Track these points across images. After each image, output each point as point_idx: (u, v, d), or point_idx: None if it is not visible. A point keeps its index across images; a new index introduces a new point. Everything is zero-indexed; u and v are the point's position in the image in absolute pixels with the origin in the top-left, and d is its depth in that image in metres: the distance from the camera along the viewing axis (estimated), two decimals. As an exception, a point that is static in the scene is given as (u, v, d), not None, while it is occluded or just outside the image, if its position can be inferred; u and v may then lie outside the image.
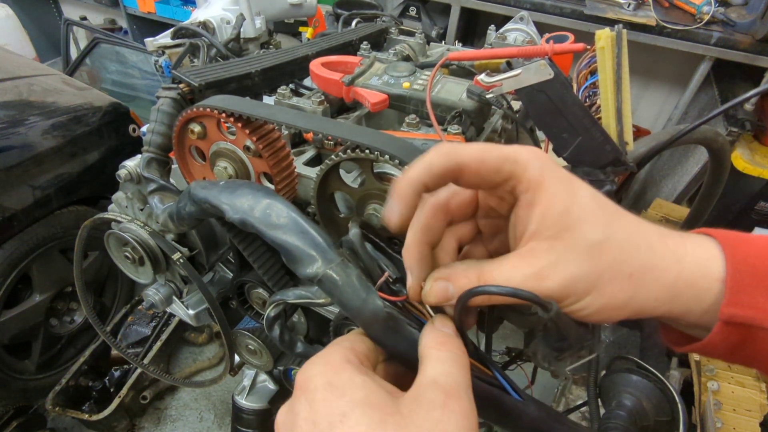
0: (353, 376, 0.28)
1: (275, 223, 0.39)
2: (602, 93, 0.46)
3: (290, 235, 0.38)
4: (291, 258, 0.37)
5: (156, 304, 0.81)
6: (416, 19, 2.43)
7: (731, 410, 1.34)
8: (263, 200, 0.41)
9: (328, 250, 0.36)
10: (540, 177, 0.30)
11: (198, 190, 0.46)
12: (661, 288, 0.31)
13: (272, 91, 0.76)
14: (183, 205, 0.50)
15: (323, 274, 0.35)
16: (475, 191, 0.35)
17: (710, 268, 0.31)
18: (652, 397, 0.47)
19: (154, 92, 0.77)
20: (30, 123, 1.53)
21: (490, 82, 0.53)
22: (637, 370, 0.50)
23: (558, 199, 0.30)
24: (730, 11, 1.95)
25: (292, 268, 0.37)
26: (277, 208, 0.40)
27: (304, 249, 0.37)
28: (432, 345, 0.31)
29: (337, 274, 0.35)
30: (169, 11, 2.86)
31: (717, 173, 0.61)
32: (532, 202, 0.31)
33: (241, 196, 0.42)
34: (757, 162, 1.80)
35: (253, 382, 1.22)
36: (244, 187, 0.43)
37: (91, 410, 1.69)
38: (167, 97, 0.67)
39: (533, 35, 1.07)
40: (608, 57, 0.44)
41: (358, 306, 0.33)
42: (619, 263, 0.30)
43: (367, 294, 0.34)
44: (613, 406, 0.49)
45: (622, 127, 0.47)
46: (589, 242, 0.29)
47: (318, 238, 0.37)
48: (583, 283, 0.29)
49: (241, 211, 0.41)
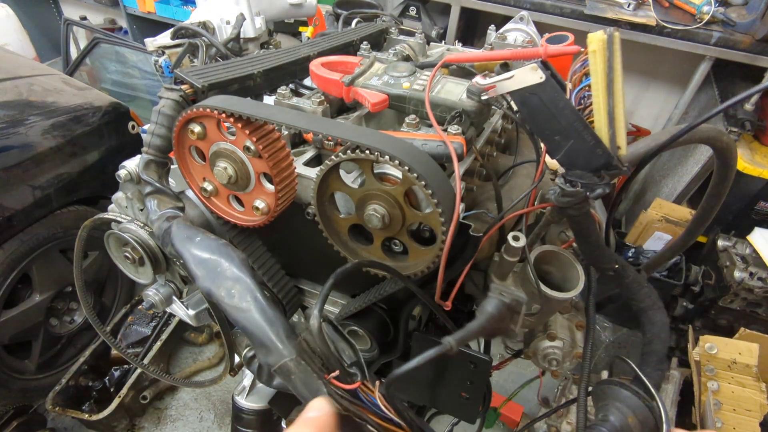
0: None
1: (237, 306, 0.42)
2: (594, 97, 0.46)
3: (251, 321, 0.41)
4: (253, 341, 0.41)
5: (156, 304, 0.81)
6: (416, 19, 2.43)
7: (731, 410, 1.34)
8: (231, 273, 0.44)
9: (286, 342, 0.40)
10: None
11: (176, 241, 0.50)
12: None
13: (273, 91, 0.76)
14: (165, 243, 0.53)
15: (280, 365, 0.39)
16: None
17: None
18: (639, 414, 0.47)
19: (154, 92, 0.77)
20: (30, 123, 1.53)
21: (485, 84, 0.53)
22: (629, 385, 0.50)
23: None
24: (730, 11, 1.95)
25: (253, 349, 0.41)
26: (243, 289, 0.43)
27: (265, 337, 0.40)
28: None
29: (292, 368, 0.38)
30: (169, 11, 2.86)
31: (723, 172, 0.61)
32: None
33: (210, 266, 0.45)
34: (757, 162, 1.80)
35: (253, 382, 1.22)
36: (222, 254, 0.46)
37: (91, 410, 1.69)
38: (169, 98, 0.67)
39: (533, 35, 1.07)
40: (600, 60, 0.44)
41: (307, 398, 0.37)
42: None
43: (318, 387, 0.37)
44: (599, 418, 0.49)
45: (614, 131, 0.46)
46: None
47: (279, 328, 0.41)
48: None
49: (206, 285, 0.44)
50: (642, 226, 2.14)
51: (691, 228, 0.71)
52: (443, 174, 0.53)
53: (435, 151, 0.59)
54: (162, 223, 0.58)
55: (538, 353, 0.74)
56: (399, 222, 0.56)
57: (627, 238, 2.23)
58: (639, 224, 2.15)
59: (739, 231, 1.90)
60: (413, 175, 0.49)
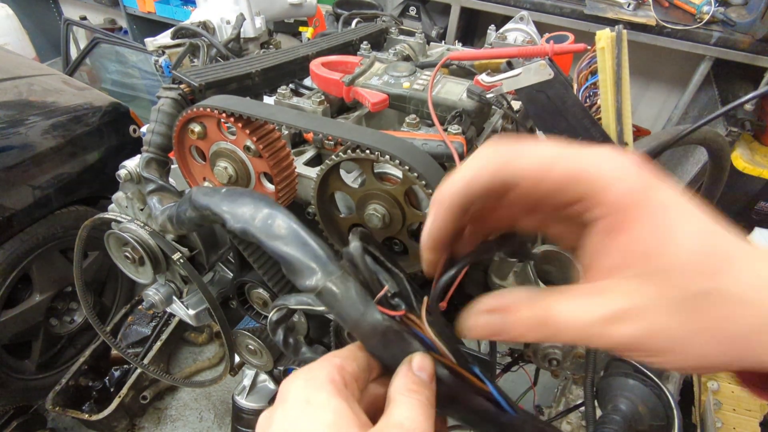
0: (330, 398, 0.29)
1: (276, 234, 0.39)
2: (602, 93, 0.46)
3: (290, 247, 0.38)
4: (291, 269, 0.38)
5: (156, 304, 0.81)
6: (416, 19, 2.43)
7: (731, 410, 1.34)
8: (264, 210, 0.41)
9: (329, 263, 0.36)
10: (629, 199, 0.24)
11: (199, 197, 0.46)
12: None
13: (272, 91, 0.76)
14: (183, 209, 0.50)
15: (323, 287, 0.35)
16: None
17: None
18: (647, 402, 0.47)
19: (154, 92, 0.77)
20: (30, 123, 1.53)
21: (490, 81, 0.53)
22: (634, 374, 0.50)
23: (653, 230, 0.24)
24: (730, 11, 1.95)
25: (291, 280, 0.38)
26: (278, 218, 0.40)
27: (304, 261, 0.37)
28: (402, 391, 0.30)
29: (337, 287, 0.35)
30: (169, 11, 2.86)
31: (716, 174, 0.61)
32: (614, 228, 0.24)
33: (243, 206, 0.42)
34: (757, 162, 1.80)
35: (253, 382, 1.23)
36: (246, 195, 0.43)
37: (91, 410, 1.69)
38: (168, 97, 0.67)
39: (533, 35, 1.07)
40: (608, 57, 0.44)
41: (357, 319, 0.33)
42: (724, 321, 0.23)
43: (366, 307, 0.33)
44: (608, 409, 0.49)
45: (621, 128, 0.47)
46: (687, 293, 0.23)
47: (318, 250, 0.38)
48: (667, 340, 0.23)
49: (242, 221, 0.41)
50: (642, 226, 2.14)
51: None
52: (444, 174, 0.53)
53: (435, 151, 0.59)
54: (170, 209, 0.57)
55: (538, 353, 0.74)
56: (399, 222, 0.56)
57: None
58: (639, 224, 2.15)
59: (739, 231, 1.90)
60: (413, 175, 0.49)
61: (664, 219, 0.24)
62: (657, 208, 0.24)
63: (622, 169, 0.24)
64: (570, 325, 0.25)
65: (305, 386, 0.30)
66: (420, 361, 0.31)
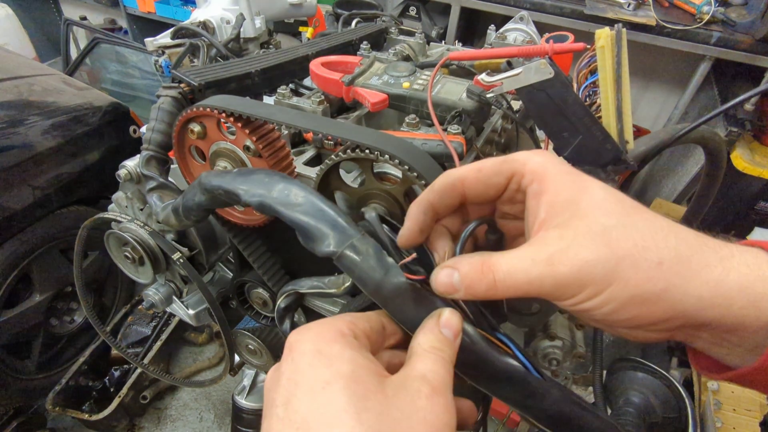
0: (343, 349, 0.29)
1: (293, 203, 0.38)
2: (602, 92, 0.46)
3: (309, 214, 0.38)
4: (309, 237, 0.37)
5: (156, 304, 0.81)
6: (416, 19, 2.43)
7: (731, 410, 1.34)
8: (279, 183, 0.41)
9: (348, 228, 0.36)
10: (542, 168, 0.30)
11: (210, 179, 0.45)
12: (703, 284, 0.26)
13: (272, 91, 0.76)
14: (191, 196, 0.49)
15: (342, 251, 0.35)
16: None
17: (766, 272, 0.26)
18: (659, 394, 0.47)
19: (154, 92, 0.77)
20: (30, 123, 1.53)
21: (490, 81, 0.53)
22: (642, 367, 0.50)
23: (565, 187, 0.29)
24: (730, 11, 1.95)
25: (309, 248, 0.37)
26: (294, 188, 0.40)
27: (323, 227, 0.36)
28: (426, 347, 0.31)
29: (356, 251, 0.34)
30: (169, 11, 2.86)
31: (713, 173, 0.61)
32: (539, 191, 0.30)
33: (257, 181, 0.42)
34: (757, 162, 1.80)
35: (253, 382, 1.22)
36: (259, 172, 0.43)
37: (91, 410, 1.69)
38: (168, 95, 0.67)
39: (533, 35, 1.07)
40: (608, 56, 0.44)
41: (379, 280, 0.33)
42: (641, 249, 0.27)
43: (388, 268, 0.33)
44: (621, 403, 0.49)
45: (622, 126, 0.47)
46: (602, 227, 0.27)
47: (336, 216, 0.37)
48: (601, 269, 0.26)
49: (257, 194, 0.41)
50: (642, 226, 2.14)
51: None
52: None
53: (435, 151, 0.59)
54: (176, 200, 0.56)
55: (538, 353, 0.74)
56: (399, 221, 0.56)
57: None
58: (639, 224, 2.15)
59: (739, 231, 1.90)
60: (413, 175, 0.49)
61: (573, 179, 0.30)
62: (565, 172, 0.30)
63: (534, 153, 0.32)
64: (510, 273, 0.29)
65: (315, 338, 0.29)
66: (448, 317, 0.32)
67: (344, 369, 0.27)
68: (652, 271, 0.26)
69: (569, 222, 0.28)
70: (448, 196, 0.34)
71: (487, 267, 0.30)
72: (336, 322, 0.31)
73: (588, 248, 0.27)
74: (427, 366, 0.29)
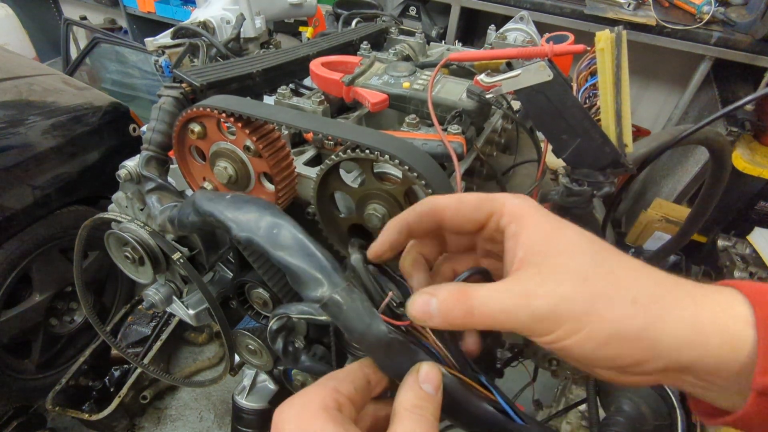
0: (326, 426, 0.29)
1: (281, 244, 0.39)
2: (602, 95, 0.46)
3: (296, 257, 0.38)
4: (296, 280, 0.38)
5: (156, 304, 0.81)
6: (416, 19, 2.43)
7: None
8: (269, 219, 0.41)
9: (334, 274, 0.37)
10: (520, 209, 0.32)
11: (203, 202, 0.46)
12: (678, 321, 0.26)
13: (272, 91, 0.76)
14: (186, 213, 0.50)
15: (328, 299, 0.35)
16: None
17: (739, 312, 0.26)
18: (651, 402, 0.47)
19: (154, 92, 0.77)
20: (30, 123, 1.53)
21: (489, 82, 0.53)
22: None
23: (541, 227, 0.31)
24: (730, 11, 1.95)
25: (297, 290, 0.38)
26: (283, 228, 0.40)
27: (310, 272, 0.37)
28: (407, 406, 0.31)
29: (342, 299, 0.35)
30: (169, 11, 2.86)
31: (718, 174, 0.61)
32: (517, 232, 0.31)
33: (248, 213, 0.42)
34: (757, 162, 1.80)
35: (253, 382, 1.23)
36: (251, 203, 0.43)
37: (91, 410, 1.69)
38: (169, 95, 0.67)
39: (533, 35, 1.07)
40: (608, 59, 0.44)
41: (363, 331, 0.33)
42: (616, 287, 0.27)
43: (372, 319, 0.34)
44: (612, 410, 0.49)
45: (621, 129, 0.47)
46: (579, 266, 0.28)
47: (324, 261, 0.38)
48: (578, 306, 0.27)
49: (246, 230, 0.41)
50: (642, 225, 2.14)
51: (684, 229, 0.71)
52: (443, 173, 0.53)
53: (435, 151, 0.59)
54: (171, 211, 0.57)
55: (538, 353, 0.74)
56: (399, 222, 0.56)
57: (627, 238, 2.23)
58: (639, 224, 2.15)
59: (739, 231, 1.90)
60: (413, 175, 0.49)
61: (548, 220, 0.31)
62: (542, 214, 0.31)
63: (512, 195, 0.33)
64: (486, 302, 0.29)
65: (298, 417, 0.30)
66: (426, 372, 0.32)
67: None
68: (628, 309, 0.27)
69: (546, 261, 0.29)
70: (426, 220, 0.35)
71: (465, 295, 0.30)
72: (319, 392, 0.31)
73: (564, 284, 0.28)
74: (407, 428, 0.30)
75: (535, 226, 0.31)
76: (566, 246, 0.30)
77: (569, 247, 0.29)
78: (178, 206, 0.58)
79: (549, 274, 0.29)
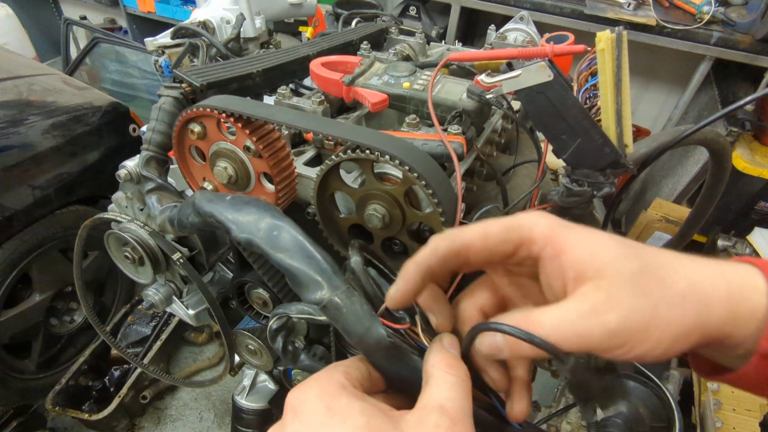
0: (351, 401, 0.28)
1: (281, 246, 0.39)
2: (602, 95, 0.46)
3: (296, 260, 0.38)
4: (296, 282, 0.38)
5: (156, 304, 0.81)
6: (416, 19, 2.43)
7: (731, 410, 1.34)
8: (269, 221, 0.41)
9: (334, 277, 0.37)
10: (550, 230, 0.31)
11: (204, 203, 0.46)
12: (719, 302, 0.28)
13: (272, 91, 0.76)
14: (186, 214, 0.50)
15: (328, 301, 0.35)
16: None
17: (757, 283, 0.29)
18: (648, 404, 0.47)
19: (154, 92, 0.77)
20: (30, 123, 1.53)
21: (490, 82, 0.53)
22: (635, 375, 0.50)
23: (581, 242, 0.30)
24: (730, 11, 1.95)
25: (296, 292, 0.37)
26: (283, 230, 0.40)
27: (310, 274, 0.37)
28: (440, 366, 0.30)
29: (342, 302, 0.35)
30: (169, 11, 2.86)
31: (718, 174, 0.61)
32: (556, 253, 0.30)
33: (248, 215, 0.42)
34: (757, 162, 1.80)
35: (253, 382, 1.22)
36: (251, 205, 0.43)
37: (91, 410, 1.69)
38: (169, 96, 0.67)
39: (533, 35, 1.07)
40: (608, 59, 0.44)
41: (362, 334, 0.33)
42: (666, 287, 0.28)
43: (371, 323, 0.34)
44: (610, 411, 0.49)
45: (621, 130, 0.47)
46: (630, 272, 0.28)
47: (323, 263, 0.38)
48: (643, 315, 0.27)
49: (246, 231, 0.41)
50: (642, 226, 2.14)
51: (684, 229, 0.71)
52: (444, 174, 0.53)
53: (435, 151, 0.59)
54: (171, 211, 0.57)
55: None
56: (399, 222, 0.56)
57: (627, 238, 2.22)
58: (639, 224, 2.15)
59: (739, 231, 1.90)
60: (413, 175, 0.49)
61: (580, 233, 0.31)
62: (571, 228, 0.31)
63: (537, 216, 0.32)
64: (556, 327, 0.28)
65: (321, 395, 0.29)
66: (450, 341, 0.33)
67: (359, 422, 0.27)
68: (683, 306, 0.28)
69: (600, 274, 0.29)
70: (452, 262, 0.33)
71: (531, 324, 0.29)
72: (333, 374, 0.31)
73: (627, 296, 0.28)
74: (443, 393, 0.29)
75: (573, 242, 0.30)
76: (611, 254, 0.29)
77: (614, 254, 0.29)
78: (178, 206, 0.58)
79: (609, 287, 0.28)
